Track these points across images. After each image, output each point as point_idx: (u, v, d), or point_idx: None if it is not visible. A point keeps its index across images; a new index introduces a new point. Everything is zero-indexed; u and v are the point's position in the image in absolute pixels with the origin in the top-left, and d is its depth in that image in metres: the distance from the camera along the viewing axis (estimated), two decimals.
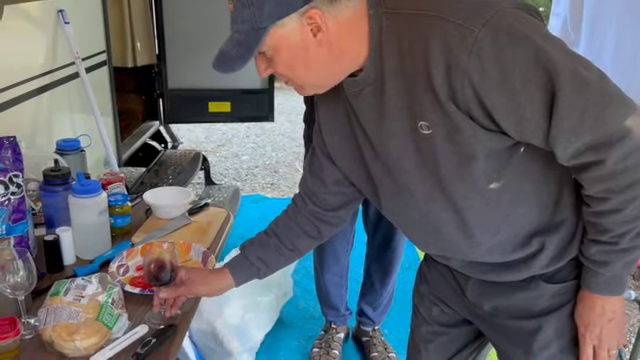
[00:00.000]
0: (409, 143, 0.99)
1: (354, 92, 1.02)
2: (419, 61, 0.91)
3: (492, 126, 0.92)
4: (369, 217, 2.06)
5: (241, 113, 3.35)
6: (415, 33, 0.92)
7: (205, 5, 3.10)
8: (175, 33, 3.16)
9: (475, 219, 1.04)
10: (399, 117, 0.98)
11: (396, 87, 0.96)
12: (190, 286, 1.22)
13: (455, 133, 0.93)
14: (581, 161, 0.92)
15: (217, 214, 1.74)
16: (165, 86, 3.26)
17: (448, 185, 1.01)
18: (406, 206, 1.09)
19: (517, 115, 0.89)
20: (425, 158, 0.99)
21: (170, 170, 3.04)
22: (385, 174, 1.08)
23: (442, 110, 0.92)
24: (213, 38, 3.14)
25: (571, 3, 3.02)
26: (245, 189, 4.09)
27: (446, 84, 0.89)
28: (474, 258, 1.11)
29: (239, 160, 4.76)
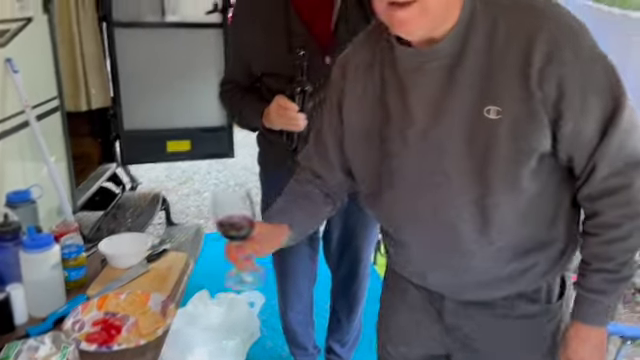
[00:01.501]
0: (465, 126, 0.99)
1: (417, 63, 1.01)
2: (516, 46, 0.95)
3: (553, 127, 0.97)
4: (331, 251, 2.06)
5: (201, 151, 3.33)
6: (517, 20, 0.96)
7: (160, 46, 3.10)
8: (130, 75, 3.14)
9: (498, 218, 1.04)
10: (467, 97, 0.98)
11: (476, 66, 0.98)
12: (261, 244, 1.14)
13: (526, 123, 0.96)
14: (611, 184, 1.01)
15: (176, 259, 1.71)
16: (121, 128, 3.22)
17: (490, 176, 1.00)
18: (425, 195, 1.06)
19: (579, 125, 0.96)
20: (476, 144, 0.99)
21: (129, 213, 2.99)
22: (417, 157, 1.05)
23: (525, 95, 0.95)
24: (168, 79, 3.18)
25: None
26: (208, 226, 4.03)
27: (539, 73, 0.93)
28: (467, 269, 1.11)
29: (201, 197, 4.71)
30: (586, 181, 1.03)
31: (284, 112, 1.65)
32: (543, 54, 0.93)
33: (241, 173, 5.23)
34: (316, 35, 1.72)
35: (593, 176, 1.01)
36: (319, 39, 1.72)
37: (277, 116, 1.67)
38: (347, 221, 1.96)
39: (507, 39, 0.96)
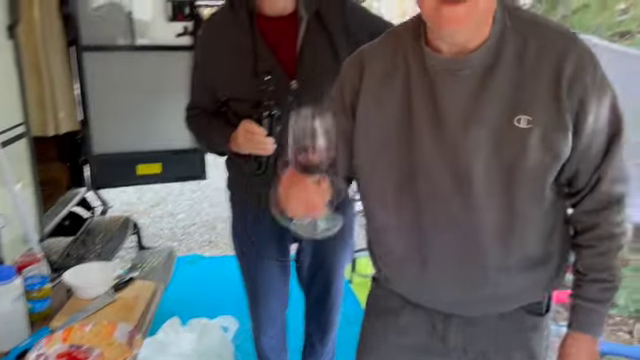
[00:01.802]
0: (495, 135, 1.04)
1: (453, 70, 1.06)
2: (547, 60, 1.04)
3: (574, 139, 1.06)
4: (303, 274, 2.05)
5: (173, 173, 3.31)
6: (549, 39, 1.06)
7: (129, 69, 3.09)
8: (99, 98, 3.11)
9: (520, 228, 1.10)
10: (498, 106, 1.04)
11: (508, 77, 1.04)
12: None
13: (555, 131, 1.03)
14: (610, 196, 1.11)
15: (144, 288, 1.69)
16: (90, 152, 3.18)
17: (517, 184, 1.06)
18: (452, 204, 1.09)
19: (591, 140, 1.07)
20: (505, 153, 1.05)
21: (98, 238, 2.94)
22: (445, 165, 1.08)
23: (556, 103, 1.03)
24: (138, 101, 3.16)
25: None
26: (181, 249, 4.00)
27: (568, 84, 1.03)
28: (484, 282, 1.15)
29: (174, 219, 4.67)
30: (589, 193, 1.12)
31: (252, 137, 1.65)
32: (572, 70, 1.03)
33: (215, 194, 5.20)
34: (282, 60, 1.73)
35: (597, 188, 1.11)
36: (285, 64, 1.73)
37: (245, 140, 1.67)
38: (318, 242, 1.96)
39: (538, 54, 1.04)
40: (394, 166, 1.12)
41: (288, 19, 1.75)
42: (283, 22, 1.75)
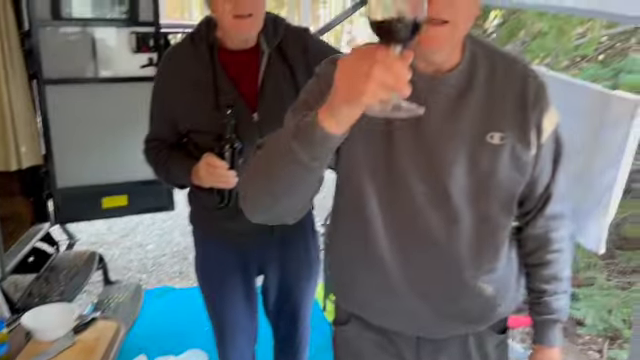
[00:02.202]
0: (470, 150, 1.12)
1: (433, 85, 1.12)
2: (513, 83, 1.15)
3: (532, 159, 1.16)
4: (269, 307, 2.03)
5: (139, 205, 3.26)
6: (512, 65, 1.18)
7: (93, 101, 3.06)
8: (62, 131, 3.06)
9: (492, 241, 1.18)
10: (473, 123, 1.12)
11: (481, 97, 1.13)
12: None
13: (524, 147, 1.13)
14: (558, 211, 1.24)
15: (106, 328, 1.65)
16: (54, 186, 3.12)
17: (491, 194, 1.14)
18: (430, 217, 1.13)
19: (544, 160, 1.18)
20: (479, 167, 1.12)
21: (62, 275, 2.87)
22: (423, 175, 1.12)
23: (523, 122, 1.13)
24: (103, 133, 3.13)
25: None
26: (151, 282, 3.92)
27: (532, 105, 1.14)
28: (457, 297, 1.19)
29: (144, 250, 4.58)
30: (540, 212, 1.24)
31: (214, 170, 1.65)
32: (533, 95, 1.15)
33: (186, 223, 5.09)
34: (243, 93, 1.74)
35: (546, 207, 1.23)
36: (246, 97, 1.73)
37: (207, 174, 1.66)
38: (284, 275, 1.95)
39: (505, 78, 1.15)
40: (374, 178, 1.15)
41: (250, 52, 1.76)
42: (245, 55, 1.76)
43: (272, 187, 1.01)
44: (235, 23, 1.64)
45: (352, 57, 0.84)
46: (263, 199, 1.05)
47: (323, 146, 0.91)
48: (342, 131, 0.89)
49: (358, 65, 0.81)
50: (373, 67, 0.78)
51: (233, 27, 1.66)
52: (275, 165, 0.98)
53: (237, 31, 1.68)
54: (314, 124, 0.89)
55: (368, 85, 0.79)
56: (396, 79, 0.79)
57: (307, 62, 1.76)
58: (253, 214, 1.10)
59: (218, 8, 1.64)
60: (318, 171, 0.96)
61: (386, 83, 0.79)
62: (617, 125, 1.40)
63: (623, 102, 1.40)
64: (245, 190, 1.09)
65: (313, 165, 0.93)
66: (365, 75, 0.79)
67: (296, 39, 1.81)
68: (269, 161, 1.00)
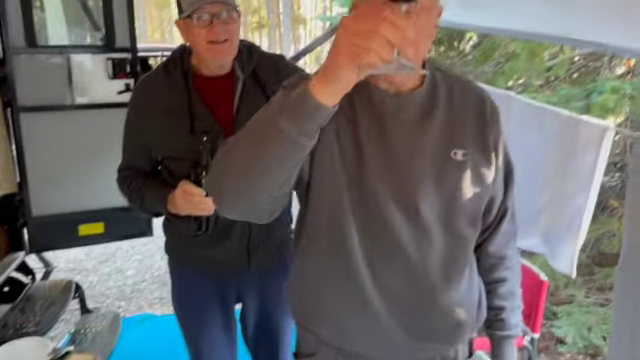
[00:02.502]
0: (435, 167, 1.15)
1: (398, 104, 1.15)
2: (472, 103, 1.21)
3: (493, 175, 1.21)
4: (249, 335, 2.00)
5: (116, 232, 3.22)
6: (469, 88, 1.25)
7: (69, 128, 3.03)
8: (37, 159, 3.03)
9: (461, 256, 1.21)
10: (436, 140, 1.16)
11: (443, 116, 1.18)
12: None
13: (484, 165, 1.18)
14: (511, 228, 1.31)
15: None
16: (29, 214, 3.07)
17: (458, 209, 1.17)
18: (400, 231, 1.14)
19: (500, 176, 1.23)
20: (445, 183, 1.15)
21: (38, 305, 2.80)
22: (394, 193, 1.14)
23: (483, 139, 1.19)
24: (79, 160, 3.09)
25: None
26: (130, 309, 3.86)
27: (490, 124, 1.20)
28: (429, 316, 1.20)
29: (123, 276, 4.51)
30: (496, 228, 1.29)
31: (190, 198, 1.63)
32: (490, 114, 1.22)
33: None
34: (219, 119, 1.74)
35: (502, 223, 1.28)
36: (222, 123, 1.73)
37: (183, 202, 1.65)
38: (263, 302, 1.93)
39: (463, 99, 1.21)
40: (347, 196, 1.14)
41: (225, 79, 1.77)
42: (220, 82, 1.77)
43: (253, 167, 0.96)
44: (210, 49, 1.65)
45: (355, 14, 0.82)
46: (241, 182, 0.98)
47: (313, 119, 0.89)
48: (334, 102, 0.88)
49: (363, 22, 0.79)
50: (380, 24, 0.78)
51: (208, 53, 1.67)
52: (258, 143, 0.94)
53: (212, 57, 1.69)
54: (305, 95, 0.88)
55: (374, 42, 0.78)
56: (402, 36, 0.78)
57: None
58: (228, 203, 1.04)
59: (193, 34, 1.64)
60: (305, 148, 0.93)
61: (392, 40, 0.78)
62: (587, 150, 1.43)
63: (592, 127, 1.43)
64: (220, 175, 1.02)
65: (300, 140, 0.91)
66: (372, 32, 0.78)
67: (270, 65, 1.83)
68: (250, 141, 0.96)
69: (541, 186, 1.37)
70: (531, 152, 1.34)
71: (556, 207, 1.55)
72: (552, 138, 1.53)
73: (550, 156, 1.54)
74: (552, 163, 1.53)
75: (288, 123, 0.89)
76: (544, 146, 1.56)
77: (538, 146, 1.56)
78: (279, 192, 1.03)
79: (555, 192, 1.54)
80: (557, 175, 1.52)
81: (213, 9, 1.61)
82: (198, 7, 1.60)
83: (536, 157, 1.42)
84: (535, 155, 1.39)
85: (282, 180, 0.99)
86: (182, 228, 1.77)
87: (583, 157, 1.43)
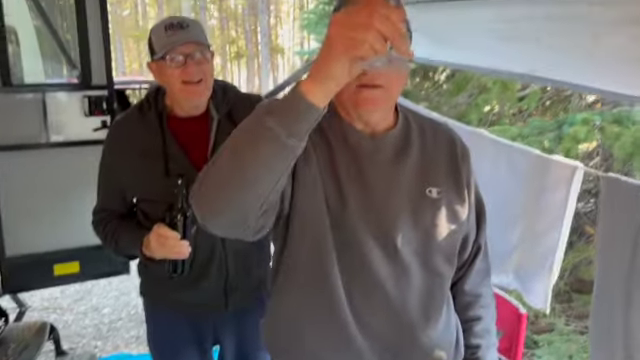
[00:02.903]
0: (412, 204, 1.17)
1: (374, 144, 1.19)
2: (443, 143, 1.25)
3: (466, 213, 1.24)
4: None
5: (92, 271, 3.17)
6: (439, 128, 1.29)
7: (43, 167, 3.00)
8: (11, 198, 2.98)
9: (438, 293, 1.22)
10: (411, 178, 1.19)
11: (417, 155, 1.21)
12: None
13: (457, 203, 1.21)
14: (485, 265, 1.34)
15: None
16: (2, 254, 3.01)
17: (434, 245, 1.18)
18: (379, 268, 1.15)
19: (472, 214, 1.26)
20: (421, 220, 1.17)
21: (11, 350, 2.72)
22: (373, 231, 1.15)
23: (456, 177, 1.22)
24: (54, 199, 3.06)
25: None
26: (106, 349, 3.77)
27: (461, 162, 1.25)
28: (407, 355, 1.20)
29: (99, 314, 4.41)
30: (471, 265, 1.31)
31: (165, 241, 1.61)
32: (461, 153, 1.26)
33: None
34: (194, 160, 1.73)
35: (477, 260, 1.31)
36: (197, 164, 1.73)
37: (158, 246, 1.63)
38: (241, 344, 1.90)
39: (434, 139, 1.25)
40: (328, 235, 1.15)
41: (200, 119, 1.77)
42: (194, 123, 1.77)
43: (241, 171, 0.93)
44: (184, 89, 1.65)
45: (348, 10, 0.83)
46: (228, 188, 0.95)
47: (303, 120, 0.88)
48: (324, 102, 0.88)
49: (355, 17, 0.81)
50: (373, 16, 0.79)
51: (182, 93, 1.67)
52: (245, 146, 0.92)
53: (187, 97, 1.69)
54: (296, 95, 0.88)
55: (368, 34, 0.79)
56: (394, 29, 0.80)
57: None
58: (215, 212, 1.00)
59: (167, 75, 1.65)
60: (295, 150, 0.92)
61: (385, 33, 0.80)
62: (557, 189, 1.46)
63: (562, 167, 1.46)
64: (207, 183, 0.99)
65: (290, 142, 0.89)
66: (364, 25, 0.79)
67: (246, 105, 1.83)
68: (237, 145, 0.94)
69: (512, 224, 1.39)
70: (502, 190, 1.36)
71: (528, 245, 1.57)
72: (522, 176, 1.56)
73: (521, 194, 1.57)
74: (523, 201, 1.56)
75: (277, 123, 0.88)
76: (515, 184, 1.59)
77: (509, 184, 1.58)
78: (267, 200, 1.00)
79: (526, 230, 1.57)
80: (528, 213, 1.55)
81: (186, 50, 1.62)
82: (171, 48, 1.61)
83: (507, 195, 1.44)
84: (506, 193, 1.42)
85: (271, 185, 0.96)
86: (157, 271, 1.74)
87: (554, 195, 1.46)
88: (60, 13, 3.45)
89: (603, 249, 1.36)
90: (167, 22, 1.65)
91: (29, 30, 3.15)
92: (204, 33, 1.72)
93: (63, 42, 3.14)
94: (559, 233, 1.47)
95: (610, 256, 1.35)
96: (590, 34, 1.35)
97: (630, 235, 1.24)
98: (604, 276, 1.37)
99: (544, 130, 3.13)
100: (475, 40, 1.92)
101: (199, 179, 1.01)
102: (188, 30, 1.63)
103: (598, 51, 1.37)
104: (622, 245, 1.28)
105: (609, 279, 1.36)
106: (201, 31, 1.69)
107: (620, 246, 1.29)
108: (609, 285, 1.36)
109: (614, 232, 1.29)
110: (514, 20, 1.68)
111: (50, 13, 3.22)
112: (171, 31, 1.62)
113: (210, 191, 0.98)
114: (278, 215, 1.13)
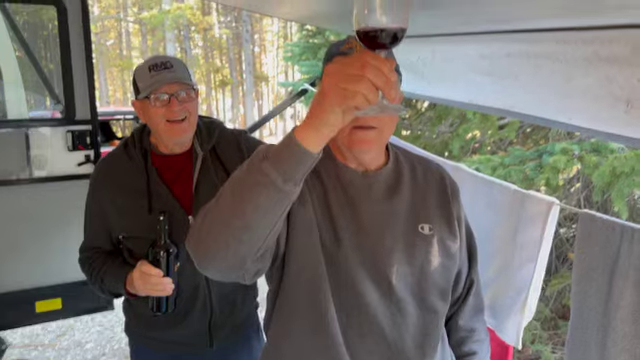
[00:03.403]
0: (405, 241, 1.18)
1: (368, 182, 1.22)
2: (433, 180, 1.28)
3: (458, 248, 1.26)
4: None
5: (75, 307, 3.11)
6: (429, 165, 1.32)
7: (26, 202, 2.96)
8: None
9: (432, 328, 1.21)
10: (403, 216, 1.20)
11: (408, 193, 1.23)
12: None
13: (449, 238, 1.23)
14: (480, 301, 1.35)
15: None
16: None
17: (429, 281, 1.19)
18: (376, 308, 1.15)
19: (463, 248, 1.29)
20: (415, 256, 1.18)
21: None
22: (367, 269, 1.15)
23: (447, 214, 1.24)
24: (35, 235, 3.01)
25: None
26: None
27: (452, 198, 1.27)
28: None
29: (82, 350, 4.34)
30: (465, 300, 1.31)
31: (148, 279, 1.61)
32: (451, 190, 1.29)
33: None
34: (178, 196, 1.74)
35: (470, 294, 1.31)
36: (181, 200, 1.73)
37: (141, 283, 1.62)
38: None
39: (425, 176, 1.28)
40: (324, 275, 1.15)
41: (184, 156, 1.78)
42: (179, 159, 1.78)
43: (238, 217, 0.94)
44: (169, 128, 1.67)
45: (340, 62, 0.86)
46: (225, 233, 0.96)
47: (298, 165, 0.90)
48: (319, 148, 0.90)
49: (348, 68, 0.84)
50: (365, 68, 0.82)
51: (167, 132, 1.68)
52: (243, 192, 0.93)
53: (171, 135, 1.70)
54: (291, 142, 0.89)
55: (361, 85, 0.82)
56: (385, 79, 0.83)
57: (243, 160, 1.79)
58: (210, 257, 1.00)
59: (151, 114, 1.66)
60: (291, 195, 0.93)
61: (377, 83, 0.83)
62: (533, 224, 1.48)
63: (538, 202, 1.49)
64: (205, 228, 0.99)
65: (286, 188, 0.91)
66: (357, 76, 0.82)
67: (230, 140, 1.85)
68: (234, 191, 0.95)
69: (488, 259, 1.40)
70: (480, 225, 1.37)
71: (503, 280, 1.59)
72: (500, 211, 1.59)
73: (498, 229, 1.59)
74: (500, 236, 1.58)
75: (274, 169, 0.90)
76: (492, 219, 1.62)
77: (487, 219, 1.61)
78: (264, 244, 1.01)
79: (502, 265, 1.58)
80: (504, 248, 1.57)
81: (170, 90, 1.64)
82: (155, 89, 1.63)
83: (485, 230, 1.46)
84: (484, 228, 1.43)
85: (268, 229, 0.97)
86: (141, 309, 1.73)
87: (530, 231, 1.48)
88: (44, 45, 3.46)
89: (579, 283, 1.37)
90: (151, 62, 1.67)
91: (12, 63, 3.14)
92: (188, 72, 1.74)
93: (47, 76, 3.14)
94: (534, 268, 1.49)
95: (586, 290, 1.36)
96: (562, 72, 1.39)
97: (605, 271, 1.26)
98: (579, 314, 1.38)
99: (525, 159, 3.18)
100: (456, 75, 1.97)
101: (195, 225, 1.01)
102: (172, 70, 1.65)
103: (570, 89, 1.41)
104: (598, 280, 1.30)
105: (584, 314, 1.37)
106: (185, 70, 1.71)
107: (596, 281, 1.31)
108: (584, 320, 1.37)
109: (590, 268, 1.32)
110: (494, 57, 1.73)
111: (33, 45, 3.22)
112: (155, 71, 1.64)
113: (207, 236, 0.98)
114: (274, 257, 1.14)
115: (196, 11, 22.08)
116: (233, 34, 24.81)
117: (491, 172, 3.18)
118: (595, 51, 1.30)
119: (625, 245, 1.21)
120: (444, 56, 2.05)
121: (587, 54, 1.33)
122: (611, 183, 2.72)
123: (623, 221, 1.24)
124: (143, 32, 25.44)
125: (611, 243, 1.25)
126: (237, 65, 25.90)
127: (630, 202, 3.81)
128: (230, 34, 25.03)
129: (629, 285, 1.21)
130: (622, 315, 1.23)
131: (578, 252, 1.31)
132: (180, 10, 19.06)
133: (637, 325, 1.21)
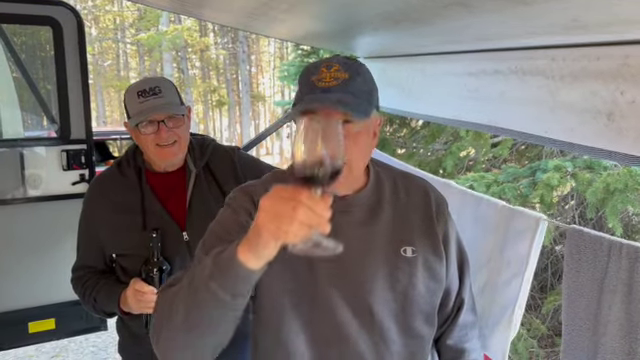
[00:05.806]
0: (387, 265, 1.13)
1: (344, 206, 1.14)
2: (416, 197, 1.22)
3: (444, 269, 1.21)
4: None
5: (69, 328, 3.08)
6: (412, 181, 1.26)
7: (19, 222, 2.95)
8: None
9: (421, 350, 1.17)
10: (385, 238, 1.15)
11: (390, 213, 1.18)
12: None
13: (434, 260, 1.17)
14: (470, 319, 1.29)
15: None
16: None
17: (413, 306, 1.13)
18: (357, 339, 1.11)
19: (452, 267, 1.23)
20: (398, 281, 1.13)
21: None
22: (347, 297, 1.11)
23: (431, 234, 1.18)
24: (29, 254, 2.99)
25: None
26: None
27: (436, 217, 1.21)
28: None
29: None
30: (454, 320, 1.25)
31: (142, 296, 1.61)
32: (436, 206, 1.23)
33: None
34: (172, 213, 1.74)
35: (460, 314, 1.25)
36: (175, 216, 1.74)
37: (135, 301, 1.63)
38: None
39: (407, 193, 1.23)
40: (298, 308, 1.13)
41: (177, 173, 1.79)
42: (172, 177, 1.79)
43: (192, 332, 0.99)
44: (159, 151, 1.68)
45: (274, 198, 0.87)
46: (183, 346, 1.02)
47: (244, 283, 0.93)
48: (260, 265, 0.92)
49: (281, 206, 0.84)
50: (297, 209, 0.83)
51: (157, 155, 1.70)
52: (194, 307, 0.97)
53: (161, 159, 1.72)
54: (234, 262, 0.91)
55: (293, 225, 0.83)
56: (319, 219, 0.84)
57: (236, 175, 1.81)
58: (168, 356, 1.06)
59: (140, 139, 1.68)
60: (241, 306, 0.97)
61: (310, 223, 0.84)
62: (521, 239, 1.48)
63: (526, 218, 1.49)
64: (159, 332, 1.05)
65: (235, 303, 0.95)
66: (290, 217, 0.83)
67: (223, 157, 1.86)
68: (187, 303, 0.99)
69: (474, 274, 1.39)
70: (468, 240, 1.37)
71: (489, 296, 1.58)
72: (487, 227, 1.58)
73: (486, 244, 1.59)
74: (488, 251, 1.58)
75: (221, 289, 0.93)
76: (480, 234, 1.62)
77: (475, 234, 1.61)
78: (225, 339, 1.05)
79: (489, 281, 1.58)
80: (492, 264, 1.56)
81: (159, 118, 1.65)
82: (144, 119, 1.64)
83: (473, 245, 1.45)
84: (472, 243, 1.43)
85: (226, 331, 1.02)
86: (135, 327, 1.73)
87: (517, 246, 1.47)
88: (41, 66, 3.48)
89: (569, 298, 1.37)
90: (140, 88, 1.68)
91: (8, 83, 3.16)
92: (178, 95, 1.76)
93: (42, 96, 3.15)
94: (520, 284, 1.47)
95: (576, 305, 1.36)
96: (549, 88, 1.41)
97: (595, 286, 1.26)
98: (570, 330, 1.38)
99: (518, 176, 3.20)
100: (443, 93, 1.99)
101: (155, 333, 1.07)
102: (161, 96, 1.66)
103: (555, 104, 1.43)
104: (587, 296, 1.30)
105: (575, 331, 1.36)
106: (174, 94, 1.73)
107: (585, 297, 1.31)
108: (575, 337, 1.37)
109: (579, 283, 1.32)
110: (481, 74, 1.75)
111: (30, 66, 3.24)
112: (143, 97, 1.64)
113: (167, 349, 1.05)
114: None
115: (193, 32, 22.26)
116: (230, 55, 24.99)
117: (485, 189, 3.20)
118: (583, 67, 1.31)
119: (614, 260, 1.21)
120: (431, 73, 2.08)
121: (575, 70, 1.35)
122: (605, 200, 2.73)
123: (610, 236, 1.25)
124: (140, 53, 25.61)
125: (599, 258, 1.25)
126: (234, 85, 26.05)
127: (624, 219, 3.83)
128: (227, 55, 25.22)
129: (617, 300, 1.21)
130: (612, 330, 1.23)
131: (567, 268, 1.31)
132: (177, 31, 19.21)
133: (626, 340, 1.21)
